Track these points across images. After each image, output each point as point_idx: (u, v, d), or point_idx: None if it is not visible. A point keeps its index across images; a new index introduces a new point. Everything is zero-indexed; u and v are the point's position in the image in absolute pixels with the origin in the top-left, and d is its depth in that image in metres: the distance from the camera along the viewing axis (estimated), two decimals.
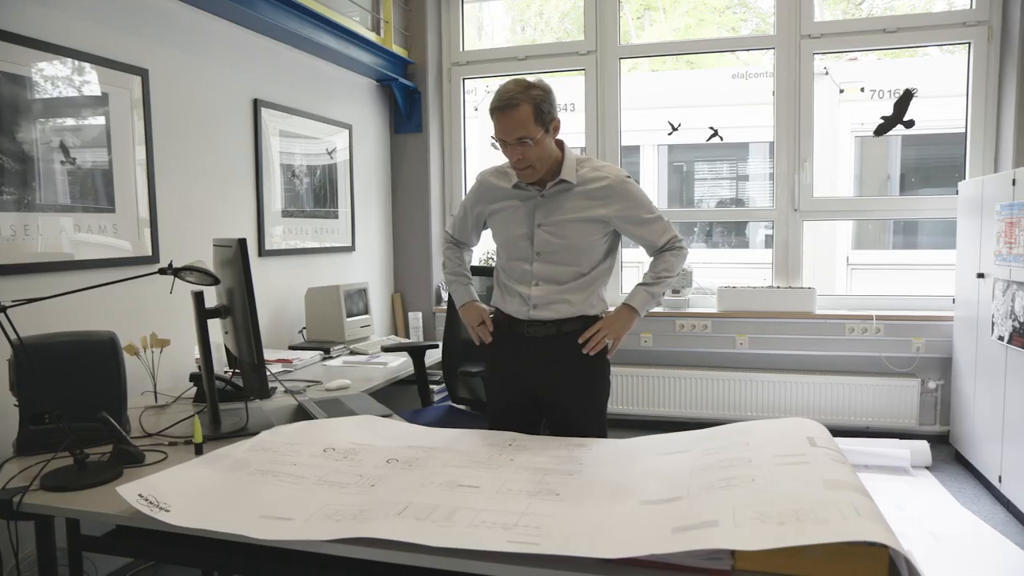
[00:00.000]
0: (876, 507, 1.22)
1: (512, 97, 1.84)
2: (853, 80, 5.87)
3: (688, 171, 8.22)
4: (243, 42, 3.16)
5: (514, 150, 1.89)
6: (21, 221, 2.18)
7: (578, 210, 1.98)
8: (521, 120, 1.84)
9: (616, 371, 4.17)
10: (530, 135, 1.86)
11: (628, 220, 2.02)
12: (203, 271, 1.72)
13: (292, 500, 1.43)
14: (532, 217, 2.01)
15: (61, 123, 2.32)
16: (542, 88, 1.88)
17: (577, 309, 2.02)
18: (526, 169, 1.92)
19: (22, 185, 2.19)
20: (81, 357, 1.86)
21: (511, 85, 1.87)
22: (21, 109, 2.18)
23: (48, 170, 2.27)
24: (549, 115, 1.89)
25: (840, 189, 6.06)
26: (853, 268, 6.23)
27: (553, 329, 2.02)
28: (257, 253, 3.30)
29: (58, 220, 2.30)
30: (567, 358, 2.03)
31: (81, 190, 2.38)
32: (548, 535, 1.22)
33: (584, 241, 2.00)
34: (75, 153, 2.36)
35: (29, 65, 2.20)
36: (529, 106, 1.84)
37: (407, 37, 4.46)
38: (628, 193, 2.00)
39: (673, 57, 6.89)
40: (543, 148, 1.90)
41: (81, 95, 2.38)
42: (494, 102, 1.87)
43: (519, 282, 2.04)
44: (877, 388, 3.88)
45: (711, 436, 1.70)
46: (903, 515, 3.02)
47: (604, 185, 1.98)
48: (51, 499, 1.50)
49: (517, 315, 2.06)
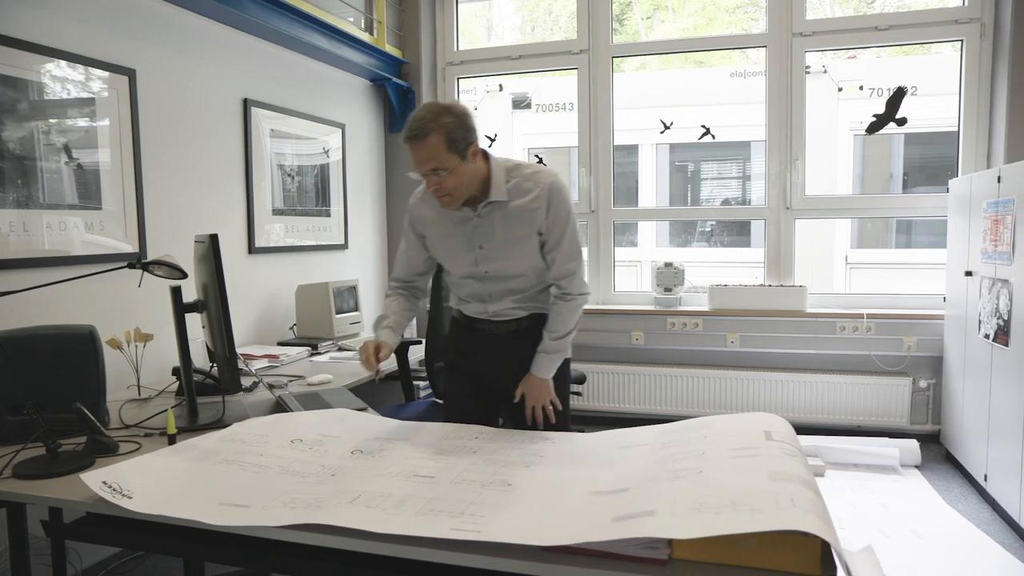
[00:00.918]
0: (818, 499, 1.22)
1: (422, 127, 1.74)
2: (852, 78, 5.86)
3: (688, 170, 8.22)
4: (233, 43, 3.21)
5: (430, 180, 1.80)
6: (6, 218, 2.23)
7: (516, 228, 1.91)
8: (432, 150, 1.75)
9: (606, 369, 4.23)
10: (443, 165, 1.76)
11: (548, 234, 1.93)
12: (171, 265, 1.75)
13: (252, 489, 1.46)
14: (471, 239, 1.94)
15: (47, 122, 2.37)
16: (455, 114, 1.77)
17: (535, 309, 2.04)
18: (444, 197, 1.83)
19: (7, 182, 2.24)
20: (60, 350, 1.91)
21: (422, 112, 1.77)
22: (5, 108, 2.23)
23: (34, 168, 2.32)
24: (464, 142, 1.78)
25: (839, 188, 6.04)
26: (852, 267, 6.20)
27: (513, 326, 2.03)
28: (247, 251, 3.34)
29: (44, 217, 2.35)
30: (528, 352, 2.03)
31: (67, 188, 2.43)
32: (491, 524, 1.24)
33: (529, 257, 1.95)
34: (62, 152, 2.41)
35: (14, 64, 2.24)
36: (440, 135, 1.74)
37: (401, 37, 4.50)
38: (557, 203, 1.90)
39: (683, 56, 6.91)
40: (460, 176, 1.80)
41: (67, 94, 2.43)
42: (405, 132, 1.78)
43: (471, 297, 2.04)
44: (868, 387, 3.87)
45: (673, 430, 1.72)
46: (887, 513, 3.02)
47: (535, 196, 1.89)
48: (22, 487, 1.54)
49: (477, 316, 2.06)
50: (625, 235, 7.59)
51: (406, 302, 2.08)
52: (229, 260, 3.21)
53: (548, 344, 1.99)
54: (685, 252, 7.50)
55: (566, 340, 2.00)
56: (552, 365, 2.01)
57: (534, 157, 4.82)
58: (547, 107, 6.97)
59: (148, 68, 2.74)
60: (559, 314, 1.99)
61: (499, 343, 2.05)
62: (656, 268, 4.28)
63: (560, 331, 1.98)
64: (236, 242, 3.28)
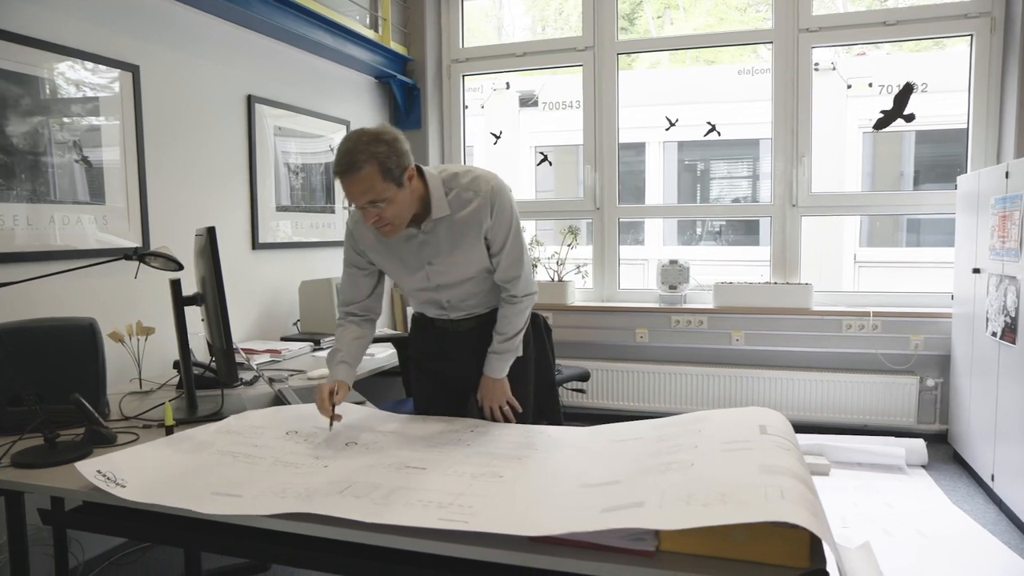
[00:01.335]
0: (809, 492, 1.21)
1: (352, 160, 1.62)
2: (861, 75, 5.82)
3: (697, 169, 8.19)
4: (236, 39, 3.22)
5: (368, 213, 1.69)
6: (10, 212, 2.25)
7: (462, 239, 1.85)
8: (367, 183, 1.64)
9: (610, 366, 4.22)
10: (380, 196, 1.66)
11: (492, 240, 1.88)
12: (168, 257, 1.76)
13: (245, 479, 1.46)
14: (419, 257, 1.88)
15: (50, 118, 2.39)
16: (385, 141, 1.65)
17: (495, 304, 2.02)
18: (385, 227, 1.74)
19: (11, 177, 2.26)
20: (60, 342, 1.92)
21: (350, 144, 1.64)
22: (8, 103, 2.25)
23: (38, 163, 2.34)
24: (399, 167, 1.67)
25: (848, 186, 6.00)
26: (861, 266, 6.15)
27: (474, 322, 2.02)
28: (251, 247, 3.36)
29: (49, 212, 2.37)
30: (488, 345, 2.01)
31: (71, 183, 2.45)
32: (479, 514, 1.24)
33: (480, 261, 1.90)
34: (65, 147, 2.43)
35: (17, 60, 2.26)
36: (373, 166, 1.63)
37: (406, 34, 4.50)
38: (499, 208, 1.85)
39: (694, 55, 6.89)
40: (399, 204, 1.71)
41: (71, 91, 2.45)
42: (334, 165, 1.67)
43: (427, 304, 2.03)
44: (875, 385, 3.84)
45: (669, 424, 1.71)
46: (892, 513, 2.99)
47: (477, 204, 1.83)
48: (19, 475, 1.56)
49: (437, 317, 2.04)
50: (632, 234, 7.58)
51: (358, 329, 1.97)
52: (233, 256, 3.25)
53: (497, 346, 1.98)
54: (693, 251, 7.48)
55: (515, 340, 1.99)
56: (503, 365, 2.00)
57: (539, 155, 4.81)
58: (554, 105, 6.97)
59: (152, 65, 2.76)
60: (506, 316, 1.96)
61: (461, 340, 2.03)
62: (661, 265, 4.26)
63: (508, 332, 1.97)
64: (240, 238, 3.30)
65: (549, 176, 7.21)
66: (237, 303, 3.28)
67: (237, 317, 3.28)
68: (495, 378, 2.01)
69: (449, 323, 2.03)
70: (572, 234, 4.38)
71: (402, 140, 1.70)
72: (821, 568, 1.09)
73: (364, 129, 1.68)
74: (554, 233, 4.41)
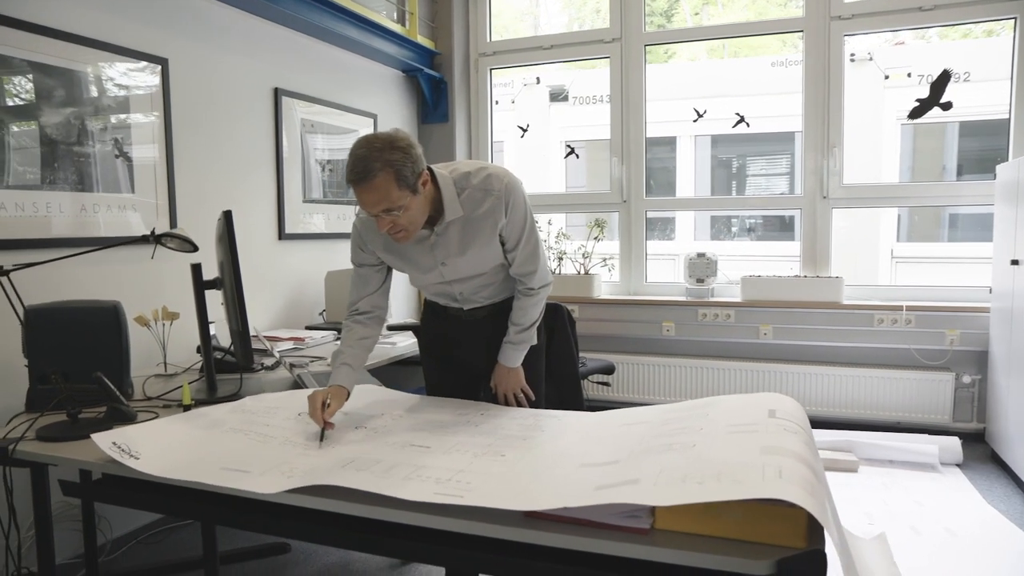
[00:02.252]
0: (810, 473, 1.18)
1: (367, 168, 1.57)
2: (899, 65, 5.67)
3: (731, 164, 8.07)
4: (264, 33, 3.28)
5: (382, 221, 1.66)
6: (43, 199, 2.33)
7: (476, 238, 1.83)
8: (382, 191, 1.59)
9: (636, 360, 4.19)
10: (395, 205, 1.62)
11: (507, 236, 1.87)
12: (183, 238, 1.81)
13: (254, 456, 1.50)
14: (431, 255, 1.86)
15: (81, 109, 2.47)
16: (400, 147, 1.60)
17: (509, 293, 2.01)
18: (399, 234, 1.70)
19: (44, 166, 2.34)
20: (86, 323, 1.99)
21: (363, 151, 1.59)
22: (41, 94, 2.33)
23: (69, 153, 2.42)
24: (414, 174, 1.63)
25: (885, 179, 5.84)
26: (898, 261, 5.99)
27: (487, 311, 2.02)
28: (277, 237, 3.42)
29: (79, 200, 2.45)
30: (502, 331, 2.01)
31: (101, 173, 2.53)
32: (476, 490, 1.25)
33: (494, 258, 1.89)
34: (95, 138, 2.51)
35: (49, 53, 2.34)
36: (389, 173, 1.58)
37: (433, 28, 4.53)
38: (513, 205, 1.82)
39: (730, 48, 6.79)
40: (414, 211, 1.67)
41: (100, 83, 2.53)
42: (348, 173, 1.61)
43: (441, 296, 2.02)
44: (908, 382, 3.74)
45: (678, 408, 1.70)
46: (921, 511, 2.91)
47: (491, 203, 1.80)
48: (42, 448, 1.62)
49: (450, 306, 2.04)
50: (664, 230, 7.51)
51: (364, 330, 1.92)
52: (259, 246, 3.31)
53: (513, 336, 1.98)
54: (725, 245, 7.37)
55: (530, 331, 1.99)
56: (518, 355, 2.00)
57: (567, 148, 4.80)
58: (585, 100, 6.94)
59: (180, 58, 2.83)
60: (522, 307, 1.96)
61: (473, 328, 2.03)
62: (688, 258, 4.21)
63: (524, 323, 1.97)
64: (266, 229, 3.36)
65: (581, 171, 7.19)
66: (263, 292, 3.34)
67: (263, 306, 3.35)
68: (510, 367, 2.01)
69: (462, 312, 2.03)
70: (599, 227, 4.36)
71: (416, 145, 1.65)
72: (819, 549, 1.06)
73: (377, 134, 1.64)
74: (584, 229, 4.39)
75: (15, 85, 2.28)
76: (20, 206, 2.25)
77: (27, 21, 2.27)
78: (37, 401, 1.90)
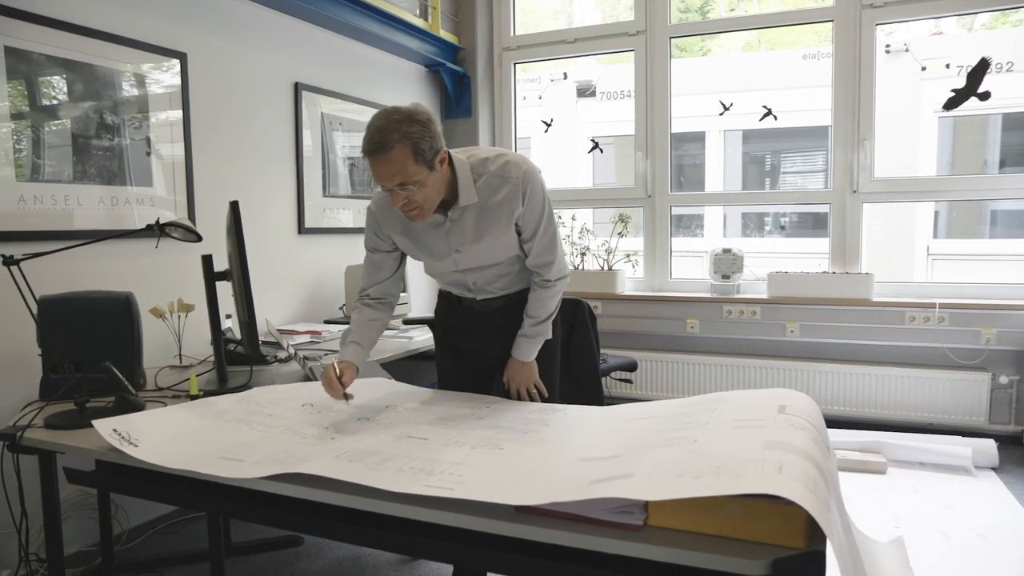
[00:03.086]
0: (813, 470, 1.13)
1: (384, 139, 1.55)
2: (937, 56, 5.48)
3: (765, 161, 7.91)
4: (283, 28, 3.30)
5: (396, 196, 1.63)
6: (61, 192, 2.37)
7: (491, 226, 1.80)
8: (399, 164, 1.57)
9: (659, 357, 4.12)
10: (411, 179, 1.60)
11: (524, 226, 1.83)
12: (187, 227, 1.82)
13: (252, 445, 1.49)
14: (446, 241, 1.83)
15: (100, 103, 2.50)
16: (419, 120, 1.58)
17: (524, 284, 1.98)
18: (413, 211, 1.68)
19: (62, 159, 2.38)
20: (98, 314, 2.01)
21: (381, 121, 1.57)
22: (61, 89, 2.37)
23: (87, 146, 2.45)
24: (432, 150, 1.61)
25: (922, 173, 5.67)
26: (935, 258, 5.80)
27: (502, 302, 1.98)
28: (297, 231, 3.44)
29: (96, 193, 2.48)
30: (516, 322, 1.98)
31: (119, 166, 2.56)
32: (468, 483, 1.22)
33: (510, 248, 1.86)
34: (114, 131, 2.54)
35: (68, 47, 2.37)
36: (406, 146, 1.56)
37: (456, 23, 4.52)
38: (531, 193, 1.78)
39: (768, 41, 6.64)
40: (429, 188, 1.65)
41: (119, 78, 2.56)
42: (364, 144, 1.60)
43: (455, 286, 2.00)
44: (941, 382, 3.61)
45: (689, 403, 1.65)
46: (952, 515, 2.80)
47: (508, 191, 1.76)
48: (49, 435, 1.64)
49: (464, 296, 2.01)
50: (691, 227, 7.38)
51: (374, 312, 1.92)
52: (279, 240, 3.33)
53: (528, 329, 1.94)
54: (756, 242, 7.22)
55: (546, 324, 1.95)
56: (532, 348, 1.96)
57: (591, 142, 4.74)
58: (612, 95, 6.86)
59: (199, 52, 2.85)
60: (538, 300, 1.92)
61: (486, 319, 2.00)
62: (714, 254, 4.13)
63: (540, 315, 1.93)
64: (286, 223, 3.38)
65: (609, 167, 7.11)
66: (282, 286, 3.36)
67: (282, 300, 3.37)
68: (524, 361, 1.97)
69: (475, 302, 2.01)
70: (623, 222, 4.30)
71: (436, 121, 1.63)
72: (818, 550, 1.01)
73: (397, 107, 1.60)
74: (609, 226, 4.33)
75: (42, 81, 2.32)
76: (40, 199, 2.29)
77: (45, 16, 2.30)
78: (50, 390, 1.92)
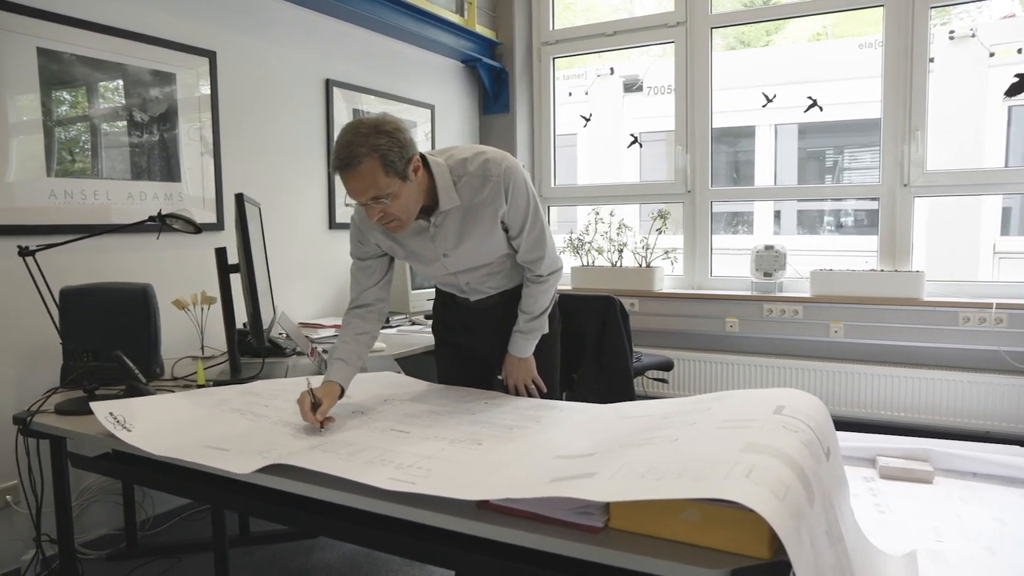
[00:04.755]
0: (790, 476, 1.05)
1: (351, 154, 1.51)
2: (1008, 41, 5.16)
3: (819, 154, 7.61)
4: (314, 24, 3.33)
5: (372, 210, 1.59)
6: (91, 187, 2.45)
7: (476, 227, 1.77)
8: (369, 178, 1.53)
9: (696, 356, 4.01)
10: (383, 192, 1.56)
11: (510, 223, 1.80)
12: (187, 219, 1.85)
13: (241, 435, 1.50)
14: (432, 246, 1.80)
15: (131, 100, 2.58)
16: (386, 131, 1.54)
17: (519, 280, 1.95)
18: (392, 223, 1.65)
19: (95, 156, 2.46)
20: (117, 304, 2.07)
21: (348, 136, 1.54)
22: (91, 87, 2.45)
23: (118, 143, 2.54)
24: (402, 160, 1.55)
25: (988, 165, 5.34)
26: (1000, 257, 5.45)
27: (497, 299, 1.96)
28: (327, 226, 3.48)
29: (125, 188, 2.56)
30: (513, 318, 1.95)
31: (149, 162, 2.64)
32: (433, 477, 1.20)
33: (499, 247, 1.83)
34: (144, 128, 2.62)
35: (98, 47, 2.45)
36: (374, 159, 1.52)
37: (493, 18, 4.50)
38: (514, 190, 1.74)
39: (820, 31, 6.40)
40: (404, 199, 1.60)
41: (149, 76, 2.63)
42: (333, 160, 1.57)
43: (447, 286, 1.98)
44: (998, 387, 3.38)
45: (687, 402, 1.58)
46: (1003, 530, 2.62)
47: (490, 190, 1.72)
48: (57, 420, 1.70)
49: (457, 295, 1.99)
50: (734, 223, 7.17)
51: (363, 324, 1.86)
52: (309, 235, 3.38)
53: (522, 325, 1.91)
54: (809, 240, 6.95)
55: (541, 319, 1.92)
56: (528, 344, 1.93)
57: (631, 137, 4.65)
58: (659, 90, 6.72)
59: (228, 50, 2.91)
60: (531, 295, 1.90)
61: (483, 316, 1.98)
62: (756, 251, 3.98)
63: (534, 311, 1.90)
64: (316, 218, 3.43)
65: (659, 163, 6.97)
66: (311, 281, 3.41)
67: (311, 294, 3.42)
68: (520, 356, 1.95)
69: (469, 302, 1.99)
70: (662, 219, 4.20)
71: (404, 129, 1.58)
72: (784, 561, 0.94)
73: (362, 119, 1.57)
74: (649, 223, 4.23)
75: (73, 81, 2.41)
76: (70, 194, 2.38)
77: (75, 17, 2.38)
78: (69, 376, 2.00)
